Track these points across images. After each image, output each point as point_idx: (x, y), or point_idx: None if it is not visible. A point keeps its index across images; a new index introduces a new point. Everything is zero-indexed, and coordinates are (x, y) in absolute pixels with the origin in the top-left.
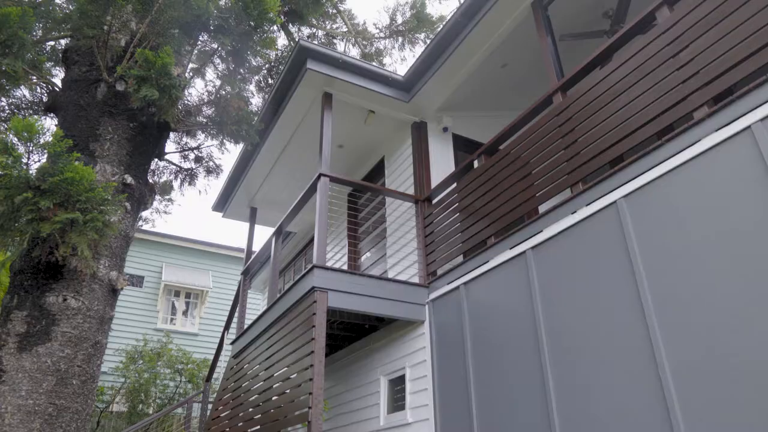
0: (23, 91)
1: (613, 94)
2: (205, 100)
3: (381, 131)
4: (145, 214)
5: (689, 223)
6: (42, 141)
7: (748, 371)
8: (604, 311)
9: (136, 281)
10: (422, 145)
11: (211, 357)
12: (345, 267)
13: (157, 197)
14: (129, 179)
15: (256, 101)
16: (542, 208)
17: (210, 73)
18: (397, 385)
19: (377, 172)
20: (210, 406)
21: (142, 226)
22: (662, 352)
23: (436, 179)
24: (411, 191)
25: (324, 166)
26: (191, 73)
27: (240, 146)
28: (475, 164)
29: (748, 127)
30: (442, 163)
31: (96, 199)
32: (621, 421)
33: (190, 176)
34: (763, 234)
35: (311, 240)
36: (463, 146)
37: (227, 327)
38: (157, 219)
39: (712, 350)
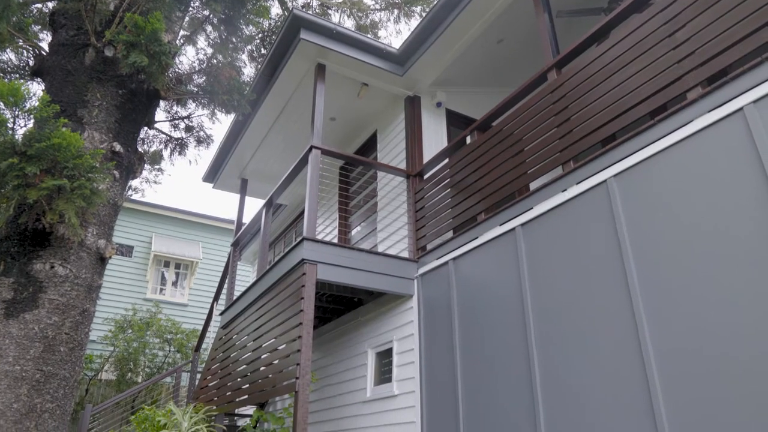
0: (9, 55)
1: (608, 72)
2: (197, 69)
3: (374, 105)
4: (134, 183)
5: (678, 204)
6: (28, 106)
7: (731, 351)
8: (590, 290)
9: (126, 251)
10: (415, 119)
11: (200, 327)
12: (335, 240)
13: (147, 166)
14: (118, 147)
15: (249, 71)
16: (533, 186)
17: (201, 41)
18: (385, 358)
19: (369, 145)
20: (198, 376)
21: (131, 195)
22: (646, 332)
23: (428, 154)
24: (403, 166)
25: (316, 139)
26: (182, 41)
27: (231, 116)
28: (468, 140)
29: (741, 109)
30: (434, 139)
31: (84, 166)
32: (603, 396)
33: (180, 146)
34: (751, 217)
35: (302, 213)
36: (457, 122)
37: (216, 298)
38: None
39: (695, 330)
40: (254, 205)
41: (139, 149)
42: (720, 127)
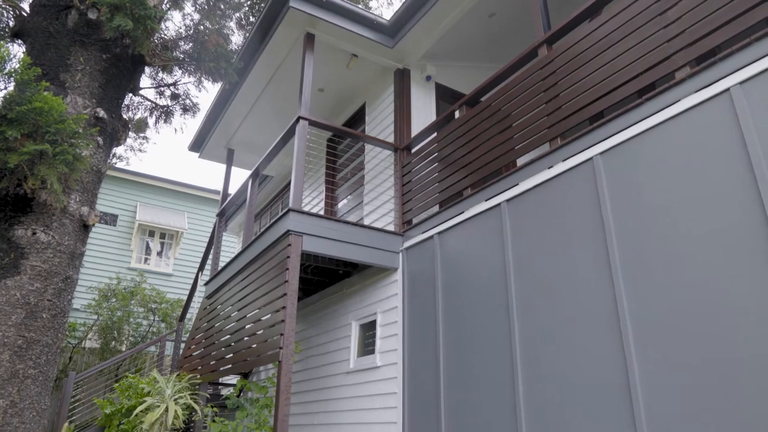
0: None
1: (599, 49)
2: (183, 35)
3: (363, 77)
4: (118, 151)
5: (662, 183)
6: (8, 68)
7: (707, 327)
8: (572, 267)
9: (110, 220)
10: (404, 93)
11: (185, 297)
12: (321, 212)
13: (132, 134)
14: (101, 113)
15: (237, 39)
16: (520, 162)
17: (188, 7)
18: (368, 330)
19: (358, 118)
20: (183, 345)
21: (115, 163)
22: (625, 310)
23: (416, 128)
24: (391, 139)
25: (303, 109)
26: (168, 5)
27: (218, 85)
28: (456, 115)
29: (727, 89)
30: (423, 113)
31: (66, 131)
32: (580, 368)
33: (165, 114)
34: (734, 197)
35: (288, 185)
36: (446, 96)
37: (201, 268)
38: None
39: (673, 307)
40: (241, 176)
41: (124, 116)
42: (706, 107)
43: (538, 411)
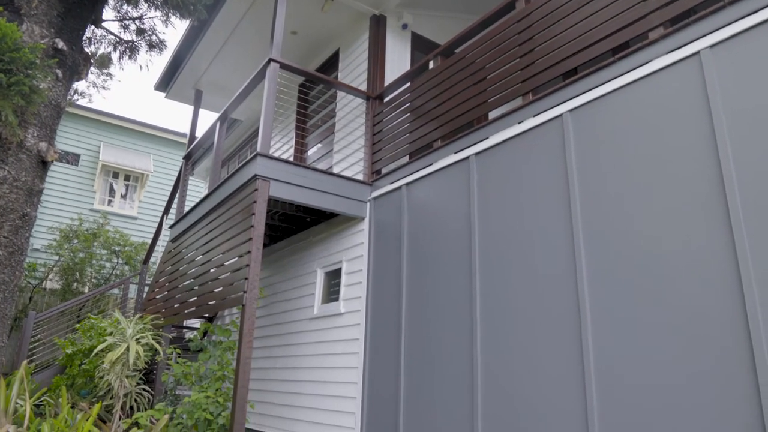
0: None
1: (577, 4)
2: None
3: (338, 21)
4: (80, 87)
5: (626, 143)
6: None
7: (661, 281)
8: (535, 222)
9: (72, 159)
10: (379, 40)
11: (150, 241)
12: (291, 159)
13: (94, 70)
14: (60, 44)
15: None
16: (492, 116)
17: None
18: (333, 278)
19: (331, 64)
20: (147, 288)
21: (77, 99)
22: (583, 265)
23: (390, 77)
24: (364, 88)
25: (275, 51)
26: None
27: (186, 22)
28: (431, 65)
29: (698, 52)
30: (397, 62)
31: (22, 60)
32: (537, 314)
33: (130, 49)
34: (694, 159)
35: (257, 130)
36: (422, 46)
37: (167, 211)
38: (95, 94)
39: (630, 266)
40: (209, 119)
41: (85, 49)
42: (676, 69)
43: (493, 355)
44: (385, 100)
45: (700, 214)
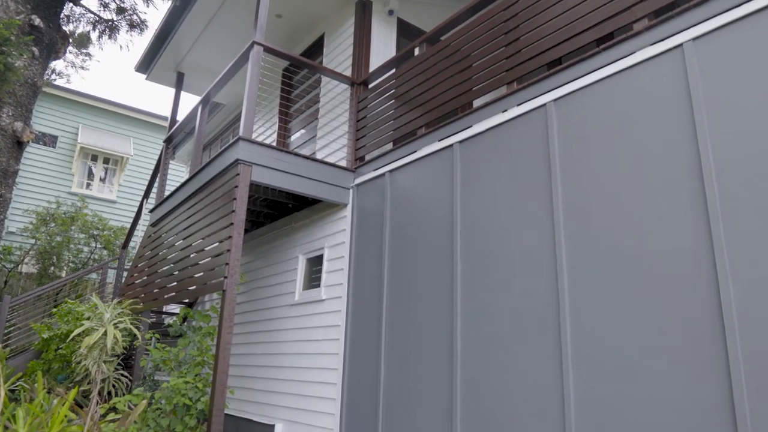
0: None
1: None
2: None
3: (323, 5)
4: (58, 66)
5: (609, 134)
6: None
7: (639, 273)
8: (517, 211)
9: (49, 141)
10: (365, 26)
11: (129, 225)
12: (274, 144)
13: (73, 49)
14: (37, 21)
15: None
16: (476, 104)
17: None
18: (315, 264)
19: (315, 49)
20: (126, 273)
21: (54, 79)
22: (563, 255)
23: (375, 64)
24: (348, 73)
25: (259, 34)
26: None
27: (168, 3)
28: (416, 52)
29: (681, 45)
30: (383, 48)
31: None
32: (516, 312)
33: (110, 29)
34: (674, 153)
35: (240, 115)
36: (408, 33)
37: (147, 195)
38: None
39: (607, 256)
40: (190, 102)
41: (63, 27)
42: (659, 61)
43: (473, 343)
44: (370, 86)
45: (678, 205)
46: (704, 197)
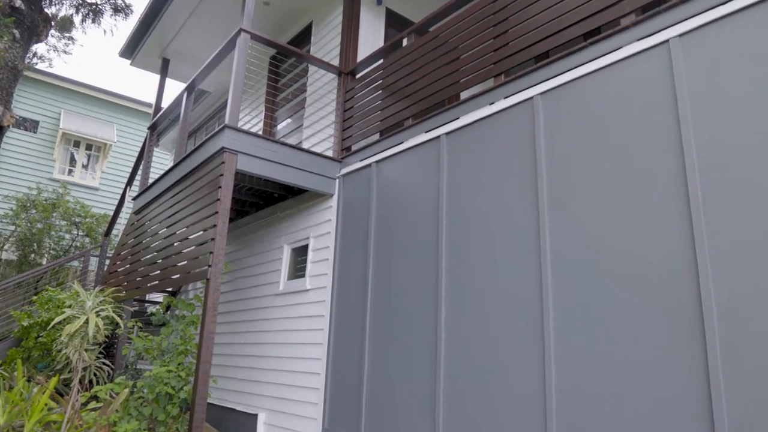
0: None
1: None
2: None
3: None
4: (40, 50)
5: (594, 128)
6: None
7: (626, 266)
8: (502, 204)
9: (30, 126)
10: (353, 15)
11: (112, 212)
12: (260, 133)
13: (55, 33)
14: (18, 2)
15: None
16: (464, 96)
17: None
18: (300, 254)
19: (303, 38)
20: (108, 261)
21: (36, 63)
22: (547, 248)
23: (362, 54)
24: (336, 63)
25: (246, 21)
26: None
27: None
28: (404, 43)
29: (667, 41)
30: (371, 39)
31: None
32: (499, 304)
33: (94, 12)
34: (658, 148)
35: (226, 103)
36: (396, 23)
37: (130, 182)
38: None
39: (591, 247)
40: (176, 89)
41: (45, 10)
42: (645, 56)
43: (457, 335)
44: (357, 76)
45: (661, 199)
46: (687, 192)
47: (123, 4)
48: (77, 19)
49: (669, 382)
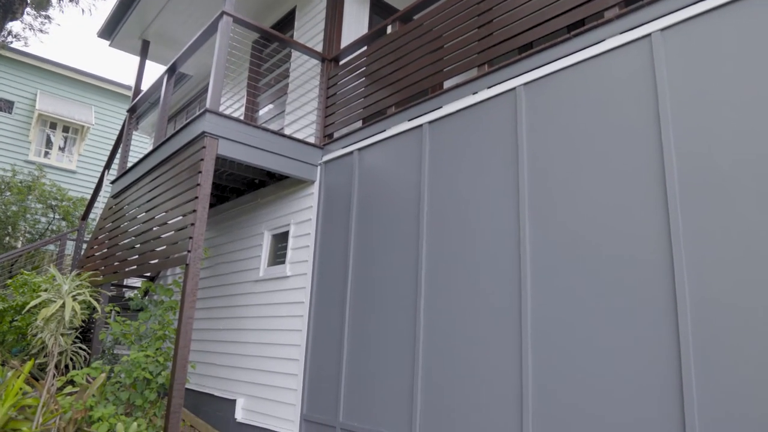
0: None
1: None
2: None
3: None
4: (15, 28)
5: (576, 120)
6: None
7: (603, 258)
8: (483, 194)
9: (4, 106)
10: (338, 1)
11: (89, 196)
12: (241, 118)
13: (31, 11)
14: None
15: None
16: (447, 85)
17: None
18: (281, 241)
19: (287, 23)
20: (85, 245)
21: (11, 42)
22: (527, 238)
23: (346, 40)
24: (319, 49)
25: (228, 4)
26: None
27: None
28: (389, 30)
29: (649, 35)
30: (355, 25)
31: None
32: (478, 291)
33: None
34: (638, 142)
35: (207, 86)
36: (381, 10)
37: (108, 166)
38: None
39: (571, 242)
40: (156, 72)
41: None
42: (627, 50)
43: (436, 321)
44: (341, 63)
45: (640, 193)
46: (664, 186)
47: None
48: None
49: (645, 373)
